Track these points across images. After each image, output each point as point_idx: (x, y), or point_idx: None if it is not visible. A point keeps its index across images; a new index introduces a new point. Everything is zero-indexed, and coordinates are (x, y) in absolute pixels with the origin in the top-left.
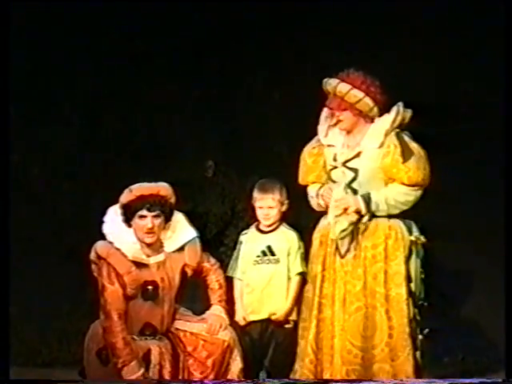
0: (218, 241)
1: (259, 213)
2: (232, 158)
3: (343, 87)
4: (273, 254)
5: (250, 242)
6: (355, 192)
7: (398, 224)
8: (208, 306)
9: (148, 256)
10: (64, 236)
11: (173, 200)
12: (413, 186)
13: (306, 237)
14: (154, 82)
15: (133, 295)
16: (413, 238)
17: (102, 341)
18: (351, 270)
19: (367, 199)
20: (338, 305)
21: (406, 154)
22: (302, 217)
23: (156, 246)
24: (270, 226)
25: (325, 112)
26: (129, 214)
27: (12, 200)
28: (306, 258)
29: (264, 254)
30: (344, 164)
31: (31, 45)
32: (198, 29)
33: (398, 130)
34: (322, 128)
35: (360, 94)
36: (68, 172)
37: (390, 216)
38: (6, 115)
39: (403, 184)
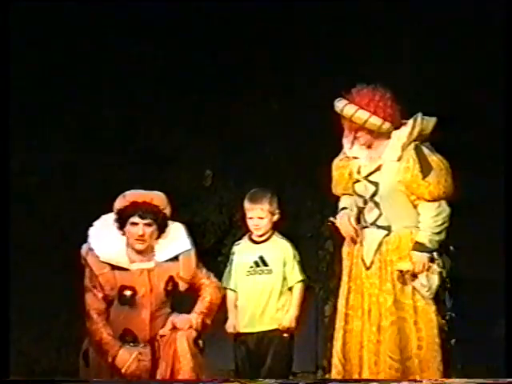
0: (216, 250)
1: (250, 223)
2: (230, 168)
3: (349, 110)
4: (265, 264)
5: (243, 252)
6: (377, 205)
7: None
8: None
9: (133, 262)
10: (63, 245)
11: (167, 210)
12: (435, 200)
13: (304, 245)
14: (153, 91)
15: (111, 298)
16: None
17: (86, 344)
18: (378, 283)
19: (424, 247)
20: (366, 316)
21: (425, 169)
22: (301, 225)
23: (146, 255)
24: (261, 236)
25: None
26: (122, 220)
27: (11, 209)
28: (302, 265)
29: (257, 264)
30: (366, 177)
31: (30, 53)
32: (197, 37)
33: (417, 143)
34: (346, 140)
35: (365, 116)
36: (67, 181)
37: (412, 228)
38: (5, 124)
39: (426, 200)
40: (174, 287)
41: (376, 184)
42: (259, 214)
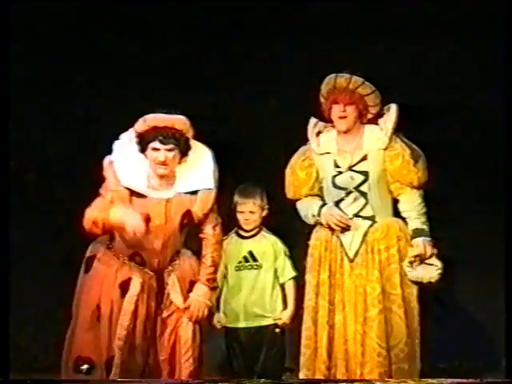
0: None
1: (240, 217)
2: (228, 164)
3: (357, 79)
4: (255, 259)
5: (231, 247)
6: (364, 195)
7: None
8: None
9: (153, 189)
10: (61, 242)
11: (190, 134)
12: (420, 187)
13: (303, 242)
14: (152, 91)
15: None
16: None
17: (93, 249)
18: (364, 274)
19: (424, 232)
20: (348, 309)
21: (415, 155)
22: (299, 223)
23: (167, 181)
24: (250, 231)
25: (312, 121)
26: (142, 144)
27: (11, 208)
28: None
29: (246, 259)
30: (351, 168)
31: (30, 52)
32: (196, 35)
33: (396, 133)
34: (312, 138)
35: (372, 87)
36: (66, 178)
37: (398, 218)
38: (4, 121)
39: (413, 187)
40: (189, 221)
41: (365, 173)
42: (251, 208)
